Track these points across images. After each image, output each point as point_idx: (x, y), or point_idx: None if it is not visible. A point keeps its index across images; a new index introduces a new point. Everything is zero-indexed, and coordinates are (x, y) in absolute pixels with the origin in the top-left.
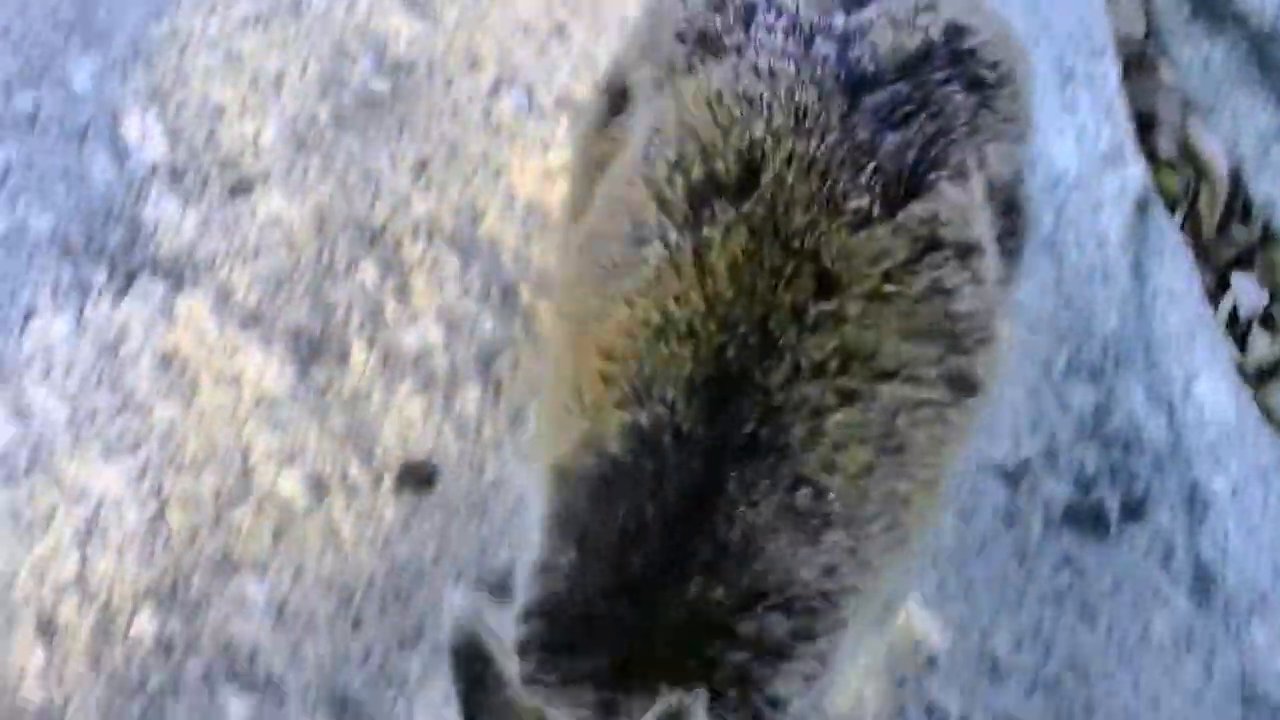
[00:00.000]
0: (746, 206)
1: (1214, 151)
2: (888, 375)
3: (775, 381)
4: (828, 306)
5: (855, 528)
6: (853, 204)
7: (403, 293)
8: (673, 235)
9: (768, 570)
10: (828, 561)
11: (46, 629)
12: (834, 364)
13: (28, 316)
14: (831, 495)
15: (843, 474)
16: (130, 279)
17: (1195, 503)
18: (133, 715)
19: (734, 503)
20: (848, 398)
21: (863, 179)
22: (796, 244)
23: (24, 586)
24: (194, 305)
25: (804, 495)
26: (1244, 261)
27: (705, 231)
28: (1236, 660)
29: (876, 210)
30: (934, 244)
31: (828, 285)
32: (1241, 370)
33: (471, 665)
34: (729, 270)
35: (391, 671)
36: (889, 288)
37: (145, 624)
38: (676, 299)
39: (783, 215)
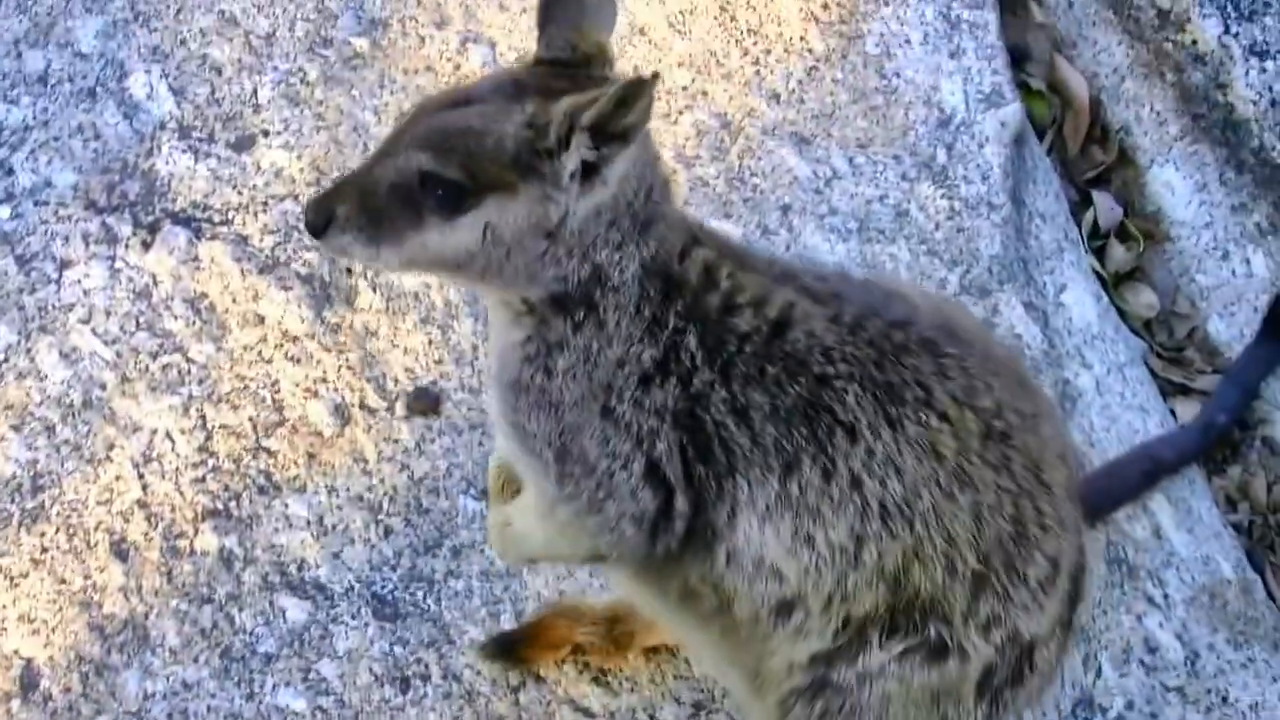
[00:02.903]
0: None
1: (1077, 83)
2: None
3: None
4: None
5: None
6: None
7: None
8: None
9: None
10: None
11: (119, 549)
12: None
13: (63, 267)
14: None
15: None
16: (154, 229)
17: (1067, 398)
18: (205, 622)
19: None
20: None
21: None
22: None
23: (94, 512)
24: (215, 253)
25: None
26: (1103, 180)
27: None
28: (1100, 529)
29: None
30: None
31: None
32: (1101, 276)
33: None
34: None
35: (420, 571)
36: None
37: (207, 541)
38: None
39: None
